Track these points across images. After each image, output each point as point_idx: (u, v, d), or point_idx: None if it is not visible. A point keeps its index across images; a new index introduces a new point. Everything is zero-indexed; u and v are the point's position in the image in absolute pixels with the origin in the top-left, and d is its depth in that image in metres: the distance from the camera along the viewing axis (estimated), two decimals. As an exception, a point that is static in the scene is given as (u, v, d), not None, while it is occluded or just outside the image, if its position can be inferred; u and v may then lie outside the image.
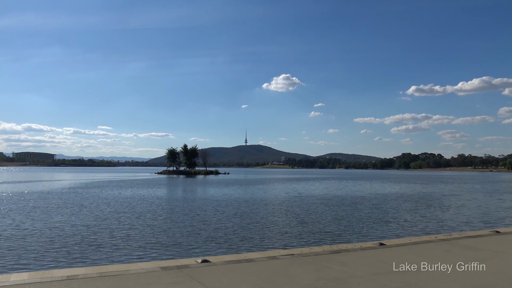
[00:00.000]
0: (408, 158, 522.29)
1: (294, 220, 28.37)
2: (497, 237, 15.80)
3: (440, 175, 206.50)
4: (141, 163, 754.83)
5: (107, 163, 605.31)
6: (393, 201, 45.57)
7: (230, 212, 33.34)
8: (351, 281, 9.13)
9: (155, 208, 36.13)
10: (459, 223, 28.19)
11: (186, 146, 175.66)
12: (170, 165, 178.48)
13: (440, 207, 39.83)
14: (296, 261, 11.29)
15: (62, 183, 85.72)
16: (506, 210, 38.16)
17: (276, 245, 19.44)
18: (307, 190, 66.25)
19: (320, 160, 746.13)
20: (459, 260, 11.43)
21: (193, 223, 26.66)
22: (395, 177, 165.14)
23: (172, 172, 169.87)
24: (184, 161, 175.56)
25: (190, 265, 10.77)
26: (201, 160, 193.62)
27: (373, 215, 31.83)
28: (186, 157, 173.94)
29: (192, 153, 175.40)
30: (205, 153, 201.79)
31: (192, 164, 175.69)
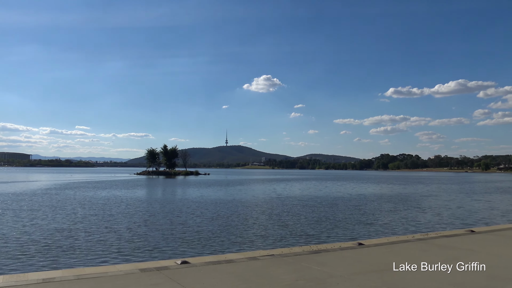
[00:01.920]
0: (386, 159, 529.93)
1: (274, 221, 28.45)
2: (471, 236, 16.18)
3: (417, 176, 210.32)
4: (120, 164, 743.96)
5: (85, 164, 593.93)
6: (372, 202, 46.19)
7: (210, 213, 33.21)
8: (330, 281, 9.21)
9: (134, 209, 35.69)
10: (436, 223, 28.77)
11: (166, 146, 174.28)
12: (149, 166, 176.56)
13: (417, 207, 40.57)
14: (276, 261, 11.32)
15: (37, 184, 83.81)
16: (481, 210, 39.13)
17: (257, 246, 19.47)
18: (287, 191, 66.53)
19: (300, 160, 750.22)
20: (436, 259, 11.68)
21: (172, 225, 26.44)
22: (374, 177, 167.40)
23: (152, 172, 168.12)
24: (164, 161, 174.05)
25: (169, 266, 10.67)
26: (181, 161, 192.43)
27: (353, 216, 32.19)
28: (166, 158, 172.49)
29: (172, 153, 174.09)
30: (185, 154, 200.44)
31: (172, 165, 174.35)
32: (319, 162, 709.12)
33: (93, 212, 32.74)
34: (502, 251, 13.06)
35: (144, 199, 46.62)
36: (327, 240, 21.22)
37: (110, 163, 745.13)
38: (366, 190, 72.55)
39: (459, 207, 40.78)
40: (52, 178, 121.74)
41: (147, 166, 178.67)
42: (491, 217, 32.81)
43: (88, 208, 36.13)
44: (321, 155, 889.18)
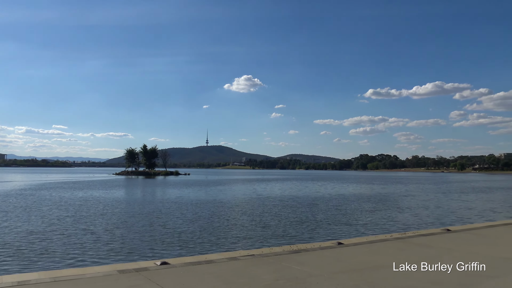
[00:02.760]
0: (365, 159, 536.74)
1: (255, 221, 28.47)
2: (448, 235, 16.51)
3: (395, 176, 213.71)
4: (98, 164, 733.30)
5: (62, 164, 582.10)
6: (352, 202, 46.70)
7: (190, 214, 33.01)
8: (310, 280, 9.26)
9: (112, 210, 35.18)
10: (414, 222, 29.28)
11: (146, 146, 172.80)
12: (128, 166, 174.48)
13: (396, 207, 41.21)
14: (257, 261, 11.31)
15: (11, 184, 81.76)
16: (456, 209, 40.02)
17: (237, 246, 19.44)
18: (267, 191, 66.68)
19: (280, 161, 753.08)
20: (413, 257, 11.88)
21: (152, 225, 26.17)
22: (353, 177, 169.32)
23: (131, 172, 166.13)
24: (144, 161, 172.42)
25: (148, 267, 10.54)
26: (161, 161, 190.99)
27: (333, 216, 32.48)
28: (145, 158, 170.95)
29: (151, 153, 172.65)
30: (165, 154, 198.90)
31: (151, 165, 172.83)
32: (300, 162, 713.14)
33: (69, 214, 32.12)
34: (478, 249, 13.37)
35: (122, 200, 46.00)
36: (307, 240, 21.34)
37: (88, 163, 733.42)
38: (346, 190, 73.32)
39: (436, 207, 41.60)
40: (27, 178, 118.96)
41: (126, 166, 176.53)
42: (467, 216, 33.58)
43: (65, 209, 35.43)
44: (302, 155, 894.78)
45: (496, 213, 36.77)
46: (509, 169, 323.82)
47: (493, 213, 36.66)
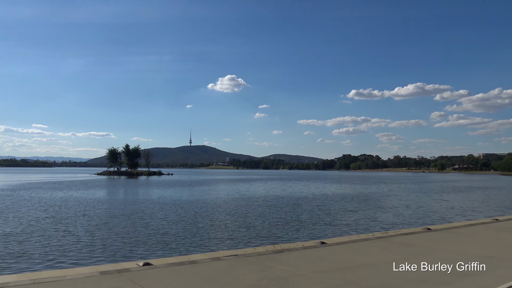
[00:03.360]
0: (348, 159, 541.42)
1: (238, 221, 28.45)
2: (428, 234, 16.80)
3: (378, 176, 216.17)
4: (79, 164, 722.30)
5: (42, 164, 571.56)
6: (335, 202, 47.06)
7: (173, 214, 32.81)
8: (293, 280, 9.30)
9: (94, 211, 34.71)
10: (395, 222, 29.69)
11: (128, 146, 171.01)
12: (110, 166, 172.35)
13: (378, 207, 41.70)
14: (240, 261, 11.32)
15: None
16: (437, 208, 40.74)
17: (220, 246, 19.40)
18: (251, 191, 66.71)
19: (264, 160, 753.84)
20: (395, 256, 12.06)
21: (134, 226, 25.92)
22: (336, 177, 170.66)
23: (113, 173, 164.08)
24: (126, 161, 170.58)
25: (131, 268, 10.44)
26: (144, 161, 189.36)
27: (316, 215, 32.68)
28: (128, 158, 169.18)
29: (134, 153, 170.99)
30: (148, 154, 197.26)
31: (134, 165, 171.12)
32: (283, 162, 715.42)
33: (49, 215, 31.56)
34: (457, 247, 13.64)
35: (104, 201, 45.42)
36: (290, 239, 21.43)
37: (69, 163, 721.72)
38: (329, 190, 73.85)
39: (418, 207, 42.24)
40: (6, 178, 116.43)
41: (108, 166, 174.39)
42: (447, 216, 34.20)
43: (44, 210, 34.80)
44: (285, 155, 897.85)
45: (476, 212, 37.55)
46: (487, 169, 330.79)
47: (472, 212, 37.42)
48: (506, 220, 21.77)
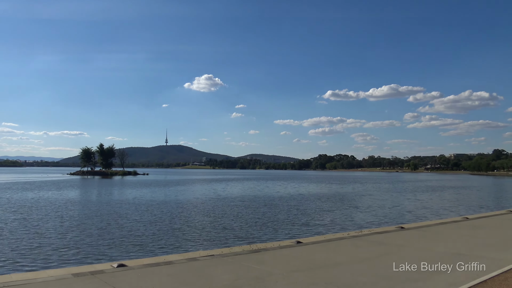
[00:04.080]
0: (324, 159, 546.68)
1: (215, 221, 28.38)
2: (401, 232, 17.18)
3: (353, 176, 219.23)
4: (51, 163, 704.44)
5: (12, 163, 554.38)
6: (311, 201, 47.49)
7: (149, 214, 32.45)
8: (269, 279, 9.36)
9: (66, 212, 33.97)
10: (370, 221, 30.20)
11: (102, 145, 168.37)
12: (84, 166, 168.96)
13: (354, 206, 42.31)
14: (216, 261, 11.30)
15: (-43, 185, 77.09)
16: (410, 207, 41.64)
17: (196, 247, 19.31)
18: (227, 191, 66.60)
19: (241, 160, 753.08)
20: (368, 254, 12.30)
21: (108, 227, 25.51)
22: (313, 177, 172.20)
23: (87, 172, 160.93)
24: (100, 161, 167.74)
25: (105, 270, 10.29)
26: (119, 160, 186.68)
27: (292, 215, 32.91)
28: (102, 157, 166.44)
29: (108, 153, 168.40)
30: (123, 153, 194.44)
31: (108, 165, 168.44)
32: (260, 162, 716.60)
33: (19, 216, 30.70)
34: (428, 245, 13.99)
35: (77, 201, 44.49)
36: (267, 239, 21.51)
37: (41, 162, 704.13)
38: (306, 190, 74.47)
39: (392, 206, 43.08)
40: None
41: (82, 166, 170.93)
42: (419, 214, 35.01)
43: (14, 211, 33.82)
44: (262, 155, 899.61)
45: (447, 211, 38.56)
46: (458, 169, 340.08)
47: (444, 211, 38.41)
48: (476, 219, 22.46)
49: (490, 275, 9.51)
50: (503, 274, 9.61)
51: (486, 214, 25.77)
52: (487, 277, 9.33)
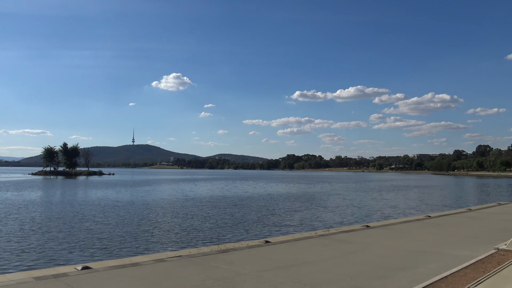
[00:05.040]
0: (292, 159, 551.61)
1: (182, 222, 28.11)
2: (367, 231, 17.55)
3: (321, 175, 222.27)
4: (12, 163, 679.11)
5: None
6: (280, 201, 47.81)
7: (115, 216, 31.77)
8: (238, 279, 9.35)
9: (27, 214, 32.77)
10: (337, 219, 30.72)
11: (66, 144, 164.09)
12: (47, 165, 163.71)
13: (322, 206, 42.92)
14: (184, 262, 11.19)
15: None
16: (376, 206, 42.65)
17: (164, 248, 19.07)
18: (195, 192, 66.13)
19: (209, 160, 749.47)
20: (335, 252, 12.51)
21: (72, 229, 24.80)
22: (281, 177, 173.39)
23: (49, 172, 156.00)
24: (64, 161, 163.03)
25: (68, 273, 9.98)
26: (83, 160, 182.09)
27: (261, 215, 33.03)
28: (65, 157, 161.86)
29: (72, 152, 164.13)
30: (88, 153, 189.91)
31: (72, 164, 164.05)
32: (228, 162, 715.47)
33: (-22, 217, 29.40)
34: (393, 243, 14.37)
35: (39, 202, 43.01)
36: (236, 239, 21.49)
37: (1, 162, 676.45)
38: (275, 190, 74.91)
39: (358, 205, 43.98)
40: None
41: (44, 166, 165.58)
42: (384, 213, 35.89)
43: (-28, 212, 32.35)
44: (231, 155, 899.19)
45: (411, 209, 39.72)
46: (421, 169, 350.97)
47: (408, 209, 39.53)
48: (437, 217, 23.23)
49: (451, 271, 9.86)
50: (463, 270, 9.99)
51: (447, 213, 26.70)
52: (448, 273, 9.66)
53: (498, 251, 12.24)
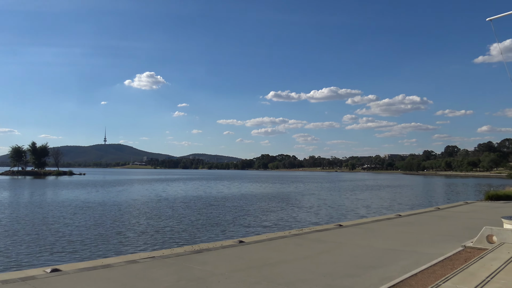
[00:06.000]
0: (266, 159, 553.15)
1: (156, 223, 27.78)
2: (339, 230, 17.80)
3: (295, 175, 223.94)
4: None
5: None
6: (254, 201, 47.88)
7: (85, 217, 31.10)
8: (211, 279, 9.32)
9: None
10: (311, 219, 31.02)
11: (35, 144, 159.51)
12: (14, 165, 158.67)
13: (296, 205, 43.23)
14: (157, 263, 11.07)
15: None
16: (348, 205, 43.29)
17: (137, 249, 18.79)
18: (169, 192, 65.47)
19: (183, 160, 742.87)
20: (309, 251, 12.63)
21: (41, 231, 24.12)
22: (256, 177, 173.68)
23: (17, 172, 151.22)
24: (32, 160, 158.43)
25: (37, 276, 9.70)
26: (53, 160, 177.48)
27: (235, 215, 32.99)
28: (34, 156, 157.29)
29: (41, 151, 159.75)
30: (57, 152, 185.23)
31: (41, 164, 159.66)
32: (203, 161, 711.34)
33: None
34: (364, 242, 14.62)
35: (6, 203, 41.62)
36: (210, 239, 21.40)
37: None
38: (249, 189, 74.97)
39: (331, 204, 44.53)
40: None
41: (12, 166, 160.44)
42: (357, 212, 36.48)
43: None
44: (205, 154, 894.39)
45: (382, 208, 40.51)
46: (392, 169, 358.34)
47: (379, 209, 40.31)
48: (408, 216, 23.78)
49: (420, 268, 10.11)
50: (432, 267, 10.26)
51: (416, 211, 27.36)
52: (418, 270, 9.90)
53: (465, 249, 12.63)
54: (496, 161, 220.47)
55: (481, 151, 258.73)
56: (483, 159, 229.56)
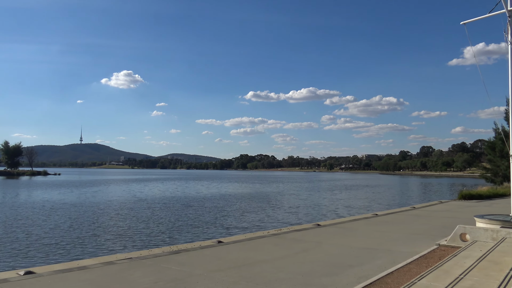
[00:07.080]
0: (245, 159, 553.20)
1: (133, 224, 27.45)
2: (317, 230, 17.96)
3: (274, 175, 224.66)
4: None
5: None
6: (233, 202, 47.82)
7: (60, 218, 30.47)
8: (190, 280, 9.26)
9: (-36, 215, 30.69)
10: (290, 219, 31.19)
11: (7, 143, 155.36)
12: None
13: (275, 205, 43.38)
14: (135, 264, 10.93)
15: None
16: (327, 205, 43.72)
17: (113, 250, 18.52)
18: (146, 192, 64.78)
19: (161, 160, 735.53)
20: (287, 251, 12.71)
21: (13, 233, 23.50)
22: (234, 177, 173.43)
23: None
24: (5, 160, 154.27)
25: (9, 278, 9.44)
26: (27, 160, 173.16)
27: (214, 215, 32.89)
28: (7, 156, 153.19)
29: (14, 151, 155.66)
30: (31, 152, 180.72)
31: (14, 164, 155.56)
32: (181, 161, 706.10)
33: None
34: (342, 241, 14.80)
35: (-23, 204, 40.39)
36: (188, 240, 21.28)
37: None
38: (228, 190, 74.82)
39: (310, 204, 44.87)
40: None
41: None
42: (335, 212, 36.87)
43: None
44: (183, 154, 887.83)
45: (359, 208, 41.07)
46: (369, 169, 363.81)
47: (356, 208, 40.85)
48: (384, 215, 24.17)
49: (396, 266, 10.30)
50: (407, 266, 10.47)
51: (393, 211, 27.84)
52: (394, 268, 10.09)
53: (440, 247, 12.93)
54: (469, 161, 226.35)
55: (455, 151, 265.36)
56: (456, 159, 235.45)
